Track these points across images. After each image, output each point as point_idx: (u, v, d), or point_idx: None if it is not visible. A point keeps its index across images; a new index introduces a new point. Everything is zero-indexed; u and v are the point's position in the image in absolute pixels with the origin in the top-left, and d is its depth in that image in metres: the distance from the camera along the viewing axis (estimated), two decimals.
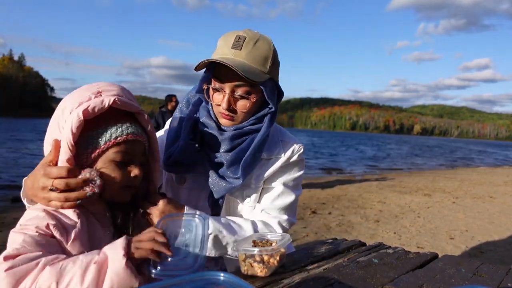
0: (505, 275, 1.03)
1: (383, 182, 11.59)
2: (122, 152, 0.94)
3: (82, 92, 0.96)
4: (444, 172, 17.24)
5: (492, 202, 8.37)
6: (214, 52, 1.26)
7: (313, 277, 0.96)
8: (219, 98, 1.24)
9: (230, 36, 1.22)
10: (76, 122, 0.88)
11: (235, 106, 1.23)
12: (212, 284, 0.63)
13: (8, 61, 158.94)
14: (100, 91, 0.95)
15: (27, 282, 0.75)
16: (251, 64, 1.18)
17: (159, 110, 7.34)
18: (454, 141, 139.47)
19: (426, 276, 0.99)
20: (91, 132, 0.93)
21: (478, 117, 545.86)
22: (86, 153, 0.93)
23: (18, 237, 0.83)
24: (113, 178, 0.94)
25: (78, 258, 0.80)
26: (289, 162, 1.34)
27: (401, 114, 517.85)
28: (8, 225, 5.12)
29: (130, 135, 0.95)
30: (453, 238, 5.31)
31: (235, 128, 1.26)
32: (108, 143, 0.93)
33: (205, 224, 0.96)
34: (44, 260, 0.78)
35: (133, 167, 0.97)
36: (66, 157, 0.89)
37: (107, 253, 0.80)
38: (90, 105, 0.90)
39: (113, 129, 0.94)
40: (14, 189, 8.27)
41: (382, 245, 1.29)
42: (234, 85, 1.20)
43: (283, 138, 1.38)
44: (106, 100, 0.91)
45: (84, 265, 0.77)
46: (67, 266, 0.77)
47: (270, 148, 1.34)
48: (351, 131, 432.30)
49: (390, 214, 6.74)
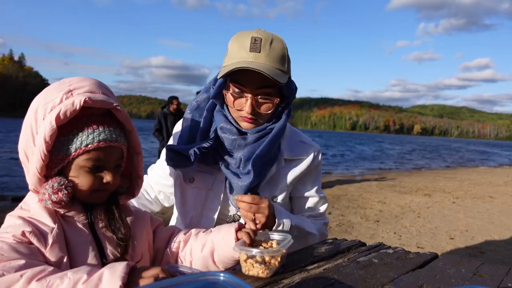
0: (505, 275, 1.03)
1: (383, 182, 11.59)
2: (93, 159, 0.91)
3: (53, 92, 0.91)
4: (444, 172, 17.24)
5: (492, 202, 8.37)
6: (227, 56, 1.25)
7: (313, 277, 0.96)
8: (241, 103, 1.24)
9: (244, 39, 1.21)
10: (49, 131, 0.85)
11: (258, 109, 1.24)
12: (212, 284, 0.63)
13: (8, 61, 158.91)
14: (71, 89, 0.91)
15: None
16: (272, 65, 1.18)
17: (161, 110, 7.37)
18: (454, 141, 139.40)
19: (426, 276, 0.99)
20: (62, 138, 0.90)
21: (478, 117, 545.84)
22: (57, 159, 0.90)
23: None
24: (83, 184, 0.92)
25: (66, 275, 0.76)
26: (314, 166, 1.42)
27: (401, 114, 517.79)
28: None
29: (102, 142, 0.90)
30: (453, 238, 5.31)
31: (257, 131, 1.27)
32: (78, 151, 0.89)
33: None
34: (29, 273, 0.76)
35: (105, 173, 0.94)
36: (38, 166, 0.87)
37: (102, 278, 0.75)
38: (62, 110, 0.85)
39: (84, 136, 0.90)
40: (14, 189, 8.27)
41: (382, 245, 1.29)
42: (257, 88, 1.21)
43: (301, 139, 1.43)
44: (76, 101, 0.86)
45: (72, 284, 0.74)
46: (54, 283, 0.74)
47: (291, 148, 1.38)
48: (351, 131, 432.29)
49: (390, 214, 6.74)
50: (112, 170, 0.95)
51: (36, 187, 0.91)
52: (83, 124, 0.91)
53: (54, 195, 0.88)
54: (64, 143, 0.90)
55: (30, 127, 0.90)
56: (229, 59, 1.23)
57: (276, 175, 1.36)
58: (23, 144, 0.93)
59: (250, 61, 1.17)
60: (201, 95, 1.38)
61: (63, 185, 0.89)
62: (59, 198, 0.88)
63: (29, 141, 0.91)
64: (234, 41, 1.24)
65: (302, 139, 1.43)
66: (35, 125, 0.89)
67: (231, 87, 1.25)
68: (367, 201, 7.94)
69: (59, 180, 0.89)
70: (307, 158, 1.40)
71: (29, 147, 0.91)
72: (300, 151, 1.40)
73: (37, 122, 0.89)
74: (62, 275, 0.77)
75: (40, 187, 0.90)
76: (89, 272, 0.77)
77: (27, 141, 0.91)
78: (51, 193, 0.88)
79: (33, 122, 0.90)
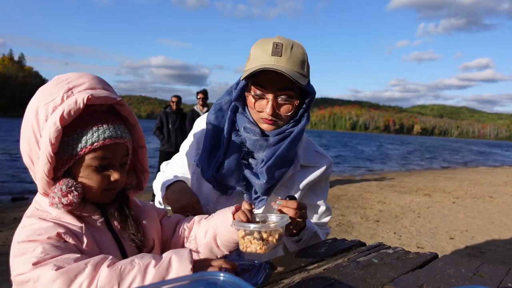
0: (505, 275, 1.03)
1: (383, 182, 11.59)
2: (99, 157, 0.90)
3: (51, 92, 0.88)
4: (444, 172, 17.24)
5: (492, 202, 8.37)
6: (250, 60, 1.29)
7: (313, 277, 0.96)
8: (262, 105, 1.28)
9: (266, 44, 1.25)
10: (54, 132, 0.83)
11: (279, 111, 1.28)
12: (212, 284, 0.63)
13: (8, 61, 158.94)
14: (71, 87, 0.88)
15: (83, 282, 0.76)
16: (293, 68, 1.23)
17: (164, 110, 7.39)
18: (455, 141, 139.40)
19: (426, 276, 0.99)
20: (66, 138, 0.87)
21: (478, 117, 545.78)
22: (62, 160, 0.89)
23: (32, 246, 0.81)
24: (92, 184, 0.91)
25: (134, 260, 0.81)
26: (325, 177, 1.47)
27: (401, 114, 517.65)
28: (8, 224, 5.12)
29: (108, 140, 0.89)
30: (453, 238, 5.31)
31: (277, 133, 1.32)
32: (84, 149, 0.88)
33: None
34: (93, 261, 0.79)
35: (112, 171, 0.93)
36: (46, 168, 0.85)
37: (172, 262, 0.81)
38: (65, 110, 0.83)
39: (89, 135, 0.88)
40: (14, 189, 8.27)
41: (382, 245, 1.29)
42: (278, 90, 1.25)
43: (316, 149, 1.48)
44: (79, 99, 0.84)
45: (143, 268, 0.79)
46: (126, 268, 0.78)
47: (307, 156, 1.44)
48: (351, 131, 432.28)
49: (390, 214, 6.74)
50: (118, 167, 0.95)
51: (45, 190, 0.89)
52: (87, 122, 0.89)
53: (64, 198, 0.87)
54: (69, 143, 0.88)
55: (32, 130, 0.87)
56: (251, 63, 1.27)
57: (291, 178, 1.41)
58: (26, 148, 0.90)
59: (272, 64, 1.21)
60: (223, 97, 1.43)
61: (72, 187, 0.88)
62: (70, 200, 0.87)
63: (32, 145, 0.88)
64: (256, 47, 1.29)
65: (317, 149, 1.49)
66: (38, 128, 0.87)
67: (252, 89, 1.29)
68: (367, 201, 7.94)
69: (67, 182, 0.88)
70: (320, 167, 1.44)
71: (33, 150, 0.89)
72: (315, 160, 1.45)
73: (39, 124, 0.87)
74: (130, 260, 0.81)
75: (49, 190, 0.89)
76: (154, 257, 0.82)
77: (31, 144, 0.89)
78: (60, 196, 0.87)
79: (35, 125, 0.87)
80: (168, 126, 7.19)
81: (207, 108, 7.35)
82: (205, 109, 7.30)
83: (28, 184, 8.85)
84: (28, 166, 0.93)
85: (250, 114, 1.35)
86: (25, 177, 9.73)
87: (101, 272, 0.77)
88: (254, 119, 1.33)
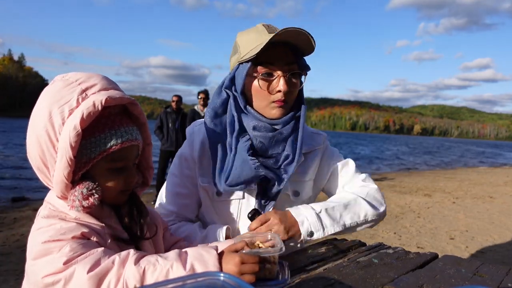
0: (505, 275, 1.03)
1: (383, 182, 11.58)
2: (116, 160, 0.91)
3: (64, 93, 0.87)
4: (444, 172, 17.23)
5: (492, 202, 8.37)
6: (242, 48, 1.22)
7: (313, 277, 0.96)
8: (272, 86, 1.20)
9: (255, 29, 1.22)
10: (75, 136, 0.82)
11: (290, 87, 1.21)
12: (212, 285, 0.63)
13: (8, 61, 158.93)
14: (84, 89, 0.87)
15: (111, 280, 0.77)
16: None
17: (164, 109, 7.39)
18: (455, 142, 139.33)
19: (426, 276, 0.99)
20: (84, 142, 0.87)
21: (478, 117, 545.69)
22: (80, 164, 0.88)
23: (59, 245, 0.81)
24: (110, 186, 0.92)
25: (158, 261, 0.82)
26: (326, 149, 1.44)
27: (401, 114, 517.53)
28: (8, 225, 5.12)
29: (125, 142, 0.90)
30: (453, 238, 5.31)
31: (286, 122, 1.24)
32: (102, 153, 0.88)
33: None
34: (119, 259, 0.80)
35: (129, 172, 0.94)
36: (66, 172, 0.84)
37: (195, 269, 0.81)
38: (84, 113, 0.82)
39: (107, 138, 0.88)
40: (15, 189, 8.27)
41: (382, 245, 1.29)
42: (286, 65, 1.20)
43: (310, 130, 1.45)
44: (97, 102, 0.84)
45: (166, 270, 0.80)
46: (149, 269, 0.79)
47: (306, 141, 1.36)
48: (351, 131, 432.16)
49: (390, 214, 6.74)
50: (133, 168, 0.96)
51: (64, 193, 0.88)
52: (104, 125, 0.89)
53: (85, 201, 0.87)
54: (87, 146, 0.87)
55: (47, 133, 0.85)
56: (246, 50, 1.20)
57: (298, 170, 1.34)
58: (38, 151, 0.88)
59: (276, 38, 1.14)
60: (214, 101, 1.30)
61: (93, 190, 0.88)
62: (91, 203, 0.87)
63: (47, 148, 0.86)
64: (244, 34, 1.23)
65: (311, 130, 1.45)
66: (53, 131, 0.85)
67: (258, 71, 1.20)
68: None
69: (87, 185, 0.88)
70: (319, 147, 1.41)
71: (47, 154, 0.87)
72: (314, 142, 1.41)
73: (55, 127, 0.85)
74: (154, 261, 0.82)
75: (67, 193, 0.88)
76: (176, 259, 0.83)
77: (45, 148, 0.87)
78: (81, 199, 0.87)
79: (50, 128, 0.85)
80: (168, 125, 7.19)
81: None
82: (205, 109, 7.29)
83: (28, 185, 8.85)
84: (39, 169, 0.91)
85: (254, 110, 1.25)
86: (25, 177, 9.72)
87: (126, 269, 0.79)
88: (260, 111, 1.24)
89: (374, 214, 1.29)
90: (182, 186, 1.35)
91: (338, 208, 1.25)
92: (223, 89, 1.28)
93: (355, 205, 1.28)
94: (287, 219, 1.17)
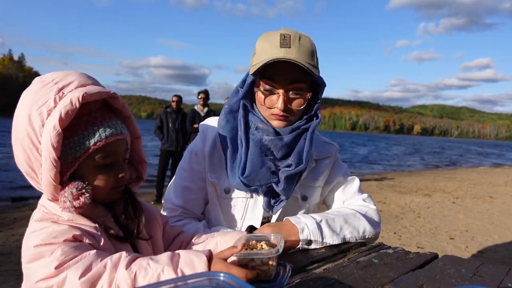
0: (505, 275, 1.03)
1: (383, 182, 11.59)
2: (103, 156, 0.89)
3: (41, 95, 0.85)
4: (444, 172, 17.24)
5: (492, 202, 8.37)
6: (256, 55, 1.23)
7: (313, 277, 0.96)
8: (272, 100, 1.22)
9: (272, 36, 1.20)
10: (55, 136, 0.80)
11: (290, 106, 1.22)
12: (212, 285, 0.63)
13: (8, 61, 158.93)
14: (60, 88, 0.86)
15: (103, 284, 0.77)
16: (303, 59, 1.17)
17: (164, 109, 7.40)
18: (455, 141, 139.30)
19: (426, 276, 0.99)
20: (67, 141, 0.85)
21: (478, 117, 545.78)
22: (66, 164, 0.87)
23: (50, 248, 0.80)
24: (100, 184, 0.90)
25: (149, 265, 0.80)
26: (336, 160, 1.47)
27: (401, 114, 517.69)
28: (8, 225, 5.12)
29: (110, 137, 0.88)
30: (453, 238, 5.31)
31: (290, 130, 1.25)
32: (87, 151, 0.86)
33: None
34: (110, 262, 0.79)
35: (118, 168, 0.92)
36: (52, 174, 0.83)
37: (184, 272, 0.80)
38: (62, 112, 0.81)
39: (90, 135, 0.86)
40: (14, 189, 8.27)
41: (382, 245, 1.29)
42: (289, 83, 1.19)
43: (323, 139, 1.47)
44: (74, 99, 0.82)
45: (157, 274, 0.79)
46: (140, 274, 0.78)
47: (318, 149, 1.40)
48: (351, 131, 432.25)
49: (390, 214, 6.74)
50: (122, 164, 0.94)
51: (54, 195, 0.88)
52: (85, 122, 0.87)
53: (76, 201, 0.86)
54: (71, 146, 0.86)
55: (29, 137, 0.85)
56: (258, 57, 1.21)
57: (308, 176, 1.37)
58: (23, 157, 0.88)
59: (281, 56, 1.15)
60: (231, 98, 1.34)
61: (83, 189, 0.87)
62: (82, 202, 0.86)
63: (31, 152, 0.86)
64: (262, 40, 1.23)
65: (324, 139, 1.47)
66: (34, 134, 0.85)
67: (261, 84, 1.22)
68: None
69: (77, 185, 0.87)
70: (332, 156, 1.44)
71: (32, 158, 0.87)
72: (326, 151, 1.43)
73: (35, 130, 0.84)
74: (146, 264, 0.80)
75: (58, 195, 0.87)
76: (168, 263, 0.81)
77: (29, 152, 0.87)
78: (72, 200, 0.85)
79: (31, 131, 0.85)
80: (168, 125, 7.19)
81: (207, 108, 7.35)
82: (205, 109, 7.29)
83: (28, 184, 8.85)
84: (28, 174, 0.91)
85: (259, 112, 1.28)
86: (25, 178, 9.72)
87: (118, 273, 0.78)
88: (264, 116, 1.27)
89: (372, 232, 1.32)
90: (190, 181, 1.36)
91: (339, 220, 1.27)
92: (239, 88, 1.32)
93: (355, 220, 1.30)
94: (283, 230, 1.16)
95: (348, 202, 1.44)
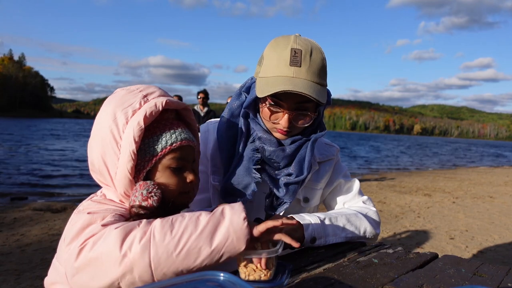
0: (505, 275, 1.03)
1: (383, 182, 11.59)
2: (177, 158, 0.96)
3: (127, 98, 0.95)
4: (444, 172, 17.23)
5: (492, 202, 8.37)
6: (265, 65, 1.20)
7: (313, 277, 0.96)
8: (277, 116, 1.21)
9: (283, 49, 1.16)
10: (138, 131, 0.89)
11: (295, 123, 1.22)
12: (212, 284, 0.63)
13: (8, 61, 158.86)
14: (145, 95, 0.97)
15: (136, 234, 0.80)
16: (313, 81, 1.15)
17: None
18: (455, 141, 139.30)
19: (426, 276, 0.99)
20: (147, 140, 0.94)
21: (478, 117, 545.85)
22: (144, 161, 0.94)
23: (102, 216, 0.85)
24: (170, 186, 0.96)
25: (184, 214, 0.86)
26: (337, 162, 1.48)
27: (401, 114, 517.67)
28: (8, 224, 5.12)
29: (184, 141, 0.97)
30: (453, 238, 5.31)
31: (292, 141, 1.25)
32: (164, 150, 0.94)
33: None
34: (146, 220, 0.83)
35: (187, 172, 0.99)
36: (129, 166, 0.90)
37: (225, 213, 0.86)
38: (147, 112, 0.91)
39: (168, 136, 0.95)
40: (14, 189, 8.27)
41: (382, 245, 1.29)
42: (295, 103, 1.18)
43: (324, 141, 1.49)
44: (158, 103, 0.92)
45: (194, 219, 0.84)
46: (177, 219, 0.83)
47: (320, 151, 1.43)
48: (351, 131, 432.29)
49: (390, 214, 6.74)
50: (192, 170, 1.01)
51: (127, 191, 0.93)
52: (164, 126, 0.97)
53: (144, 202, 0.90)
54: (149, 145, 0.94)
55: (111, 133, 0.92)
56: (266, 70, 1.19)
57: (311, 178, 1.39)
58: (100, 151, 0.93)
59: (290, 76, 1.14)
60: (233, 101, 1.33)
61: (152, 192, 0.91)
62: (150, 204, 0.90)
63: (111, 146, 0.92)
64: (272, 50, 1.20)
65: (325, 141, 1.48)
66: (117, 130, 0.92)
67: (268, 100, 1.20)
68: None
69: (147, 187, 0.91)
70: (333, 158, 1.45)
71: (109, 153, 0.92)
72: (328, 152, 1.45)
73: (119, 127, 0.92)
74: (182, 214, 0.86)
75: (130, 191, 0.92)
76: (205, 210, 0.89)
77: (107, 147, 0.92)
78: (141, 200, 0.90)
79: (114, 128, 0.92)
80: None
81: (207, 108, 7.35)
82: (205, 109, 7.29)
83: (28, 185, 8.85)
84: (99, 169, 0.95)
85: (262, 122, 1.27)
86: (25, 178, 9.73)
87: (153, 224, 0.82)
88: (267, 127, 1.26)
89: (372, 233, 1.35)
90: None
91: (341, 219, 1.29)
92: (242, 92, 1.31)
93: (357, 219, 1.33)
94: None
95: (349, 204, 1.45)
